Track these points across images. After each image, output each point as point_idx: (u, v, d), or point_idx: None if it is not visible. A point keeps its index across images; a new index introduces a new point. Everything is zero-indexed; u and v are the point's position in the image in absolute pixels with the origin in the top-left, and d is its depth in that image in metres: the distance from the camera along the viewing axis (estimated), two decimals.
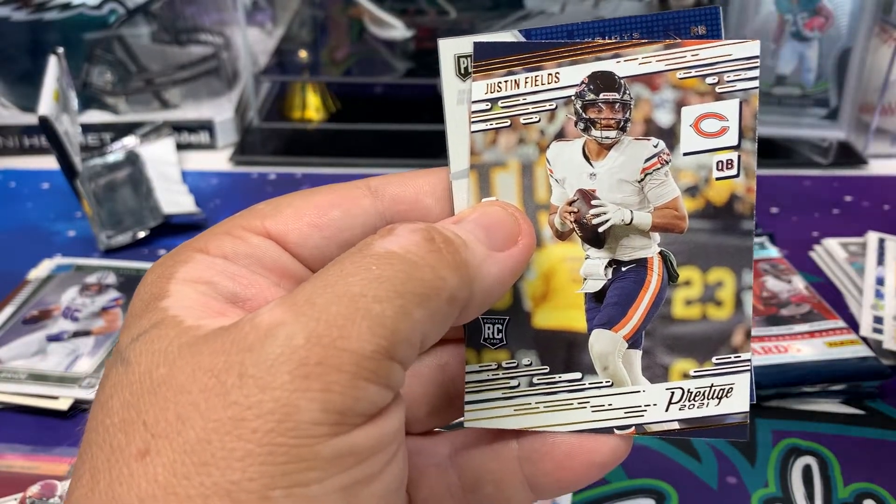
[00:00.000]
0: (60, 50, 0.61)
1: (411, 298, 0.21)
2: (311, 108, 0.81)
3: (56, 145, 0.57)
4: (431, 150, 0.71)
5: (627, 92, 0.26)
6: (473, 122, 0.27)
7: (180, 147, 0.73)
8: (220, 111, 0.76)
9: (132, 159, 0.69)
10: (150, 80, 0.76)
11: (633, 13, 0.73)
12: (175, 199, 0.65)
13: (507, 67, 0.27)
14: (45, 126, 0.56)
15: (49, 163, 0.67)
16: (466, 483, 0.27)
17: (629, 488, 0.42)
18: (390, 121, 0.75)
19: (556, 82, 0.27)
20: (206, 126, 0.74)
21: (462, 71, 0.27)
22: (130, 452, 0.20)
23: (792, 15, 0.70)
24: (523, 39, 0.27)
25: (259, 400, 0.19)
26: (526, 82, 0.27)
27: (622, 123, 0.27)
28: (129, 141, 0.71)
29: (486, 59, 0.27)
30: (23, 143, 0.74)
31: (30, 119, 0.72)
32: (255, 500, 0.19)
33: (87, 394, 0.47)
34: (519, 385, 0.27)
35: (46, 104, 0.56)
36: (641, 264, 0.27)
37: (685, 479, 0.43)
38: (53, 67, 0.60)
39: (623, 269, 0.27)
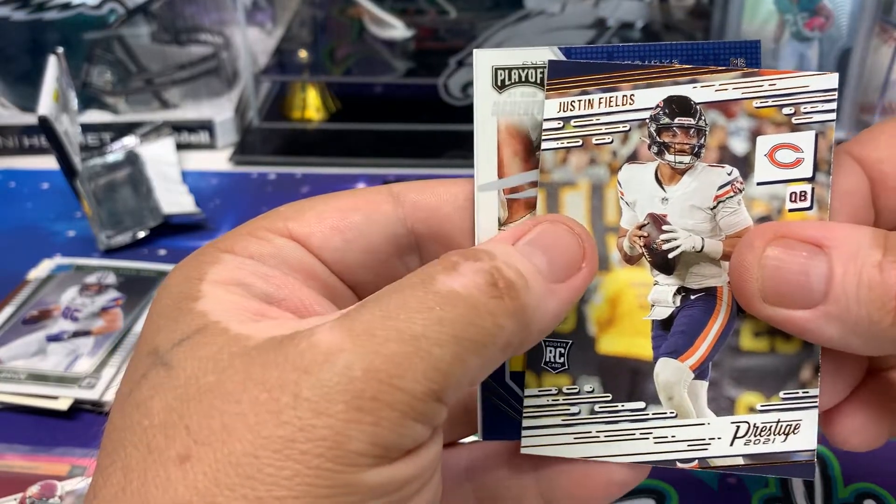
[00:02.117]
0: (60, 50, 0.61)
1: (468, 346, 0.21)
2: (311, 108, 0.81)
3: (56, 145, 0.57)
4: (431, 150, 0.71)
5: (703, 118, 0.26)
6: (544, 139, 0.27)
7: (180, 147, 0.73)
8: (220, 111, 0.76)
9: (132, 159, 0.69)
10: (150, 80, 0.76)
11: (633, 13, 0.74)
12: (175, 199, 0.65)
13: (582, 87, 0.26)
14: (45, 126, 0.56)
15: (49, 163, 0.67)
16: (482, 497, 0.27)
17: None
18: (390, 121, 0.75)
19: (630, 104, 0.26)
20: (206, 126, 0.74)
21: (499, 83, 0.27)
22: (169, 456, 0.20)
23: (792, 15, 0.70)
24: (562, 56, 0.27)
25: (312, 424, 0.20)
26: (600, 103, 0.26)
27: (696, 149, 0.26)
28: (129, 141, 0.71)
29: (560, 78, 0.26)
30: (22, 143, 0.74)
31: (30, 119, 0.72)
32: None
33: (86, 394, 0.47)
34: (580, 412, 0.27)
35: (46, 104, 0.56)
36: (711, 293, 0.26)
37: (685, 479, 0.42)
38: (53, 67, 0.60)
39: (692, 297, 0.26)
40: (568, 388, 0.27)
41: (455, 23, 0.78)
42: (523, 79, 0.27)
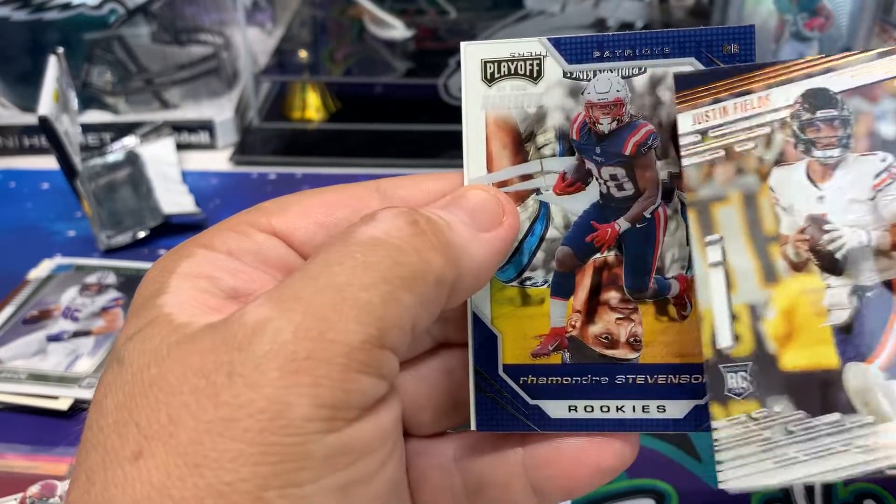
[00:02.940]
0: (60, 50, 0.61)
1: (399, 283, 0.21)
2: (311, 108, 0.81)
3: (56, 145, 0.57)
4: (431, 150, 0.71)
5: (845, 107, 0.25)
6: (684, 156, 0.26)
7: (180, 147, 0.73)
8: (220, 111, 0.76)
9: (132, 159, 0.69)
10: (150, 80, 0.76)
11: (633, 13, 0.74)
12: (175, 199, 0.65)
13: (713, 95, 0.26)
14: (45, 126, 0.56)
15: (49, 163, 0.67)
16: (470, 486, 0.27)
17: (629, 488, 0.42)
18: (390, 121, 0.75)
19: (767, 105, 0.25)
20: (206, 126, 0.74)
21: (488, 76, 0.27)
22: (124, 454, 0.20)
23: (792, 15, 0.70)
24: (552, 47, 0.26)
25: (249, 399, 0.19)
26: (735, 108, 0.26)
27: (844, 140, 0.25)
28: (129, 141, 0.71)
29: (688, 90, 0.26)
30: (23, 143, 0.74)
31: (30, 119, 0.72)
32: (249, 500, 0.19)
33: (87, 394, 0.47)
34: (774, 436, 0.25)
35: (46, 104, 0.56)
36: (888, 286, 0.25)
37: (685, 479, 0.42)
38: (53, 67, 0.60)
39: (868, 294, 0.25)
40: (757, 413, 0.25)
41: (455, 23, 0.78)
42: (513, 71, 0.27)
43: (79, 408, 0.47)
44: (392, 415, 0.22)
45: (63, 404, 0.47)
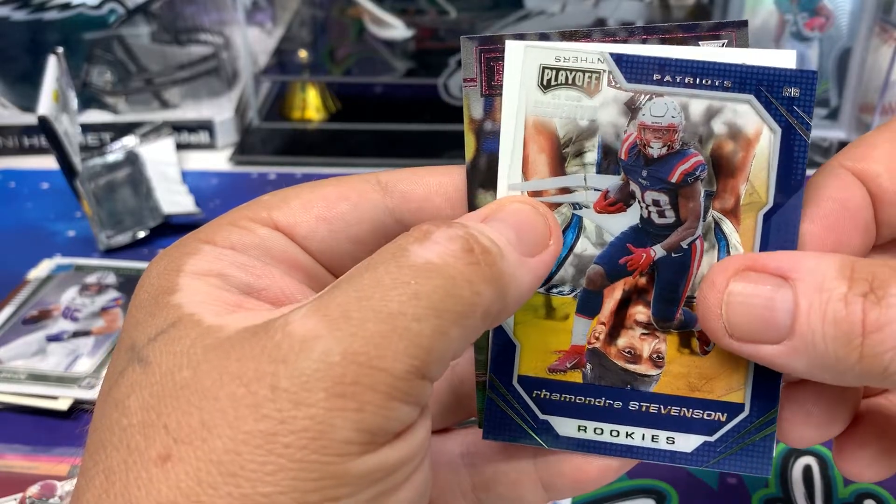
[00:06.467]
0: (60, 50, 0.61)
1: (449, 317, 0.21)
2: (311, 108, 0.81)
3: (56, 145, 0.57)
4: (432, 150, 0.71)
5: None
6: None
7: (180, 147, 0.73)
8: (220, 111, 0.76)
9: (132, 159, 0.69)
10: (150, 80, 0.76)
11: (633, 15, 0.73)
12: (175, 199, 0.65)
13: None
14: (45, 126, 0.56)
15: (49, 163, 0.67)
16: (478, 482, 0.27)
17: (629, 488, 0.42)
18: (390, 121, 0.75)
19: None
20: (206, 126, 0.74)
21: (545, 82, 0.26)
22: (150, 456, 0.20)
23: (792, 15, 0.70)
24: (612, 62, 0.26)
25: (293, 416, 0.19)
26: None
27: None
28: (129, 141, 0.71)
29: None
30: (23, 143, 0.74)
31: (30, 119, 0.72)
32: None
33: (86, 394, 0.47)
34: None
35: (46, 104, 0.56)
36: None
37: (685, 479, 0.42)
38: (53, 67, 0.60)
39: None
40: None
41: (455, 23, 0.78)
42: (571, 81, 0.26)
43: (79, 408, 0.47)
44: (423, 434, 0.22)
45: (63, 404, 0.47)
